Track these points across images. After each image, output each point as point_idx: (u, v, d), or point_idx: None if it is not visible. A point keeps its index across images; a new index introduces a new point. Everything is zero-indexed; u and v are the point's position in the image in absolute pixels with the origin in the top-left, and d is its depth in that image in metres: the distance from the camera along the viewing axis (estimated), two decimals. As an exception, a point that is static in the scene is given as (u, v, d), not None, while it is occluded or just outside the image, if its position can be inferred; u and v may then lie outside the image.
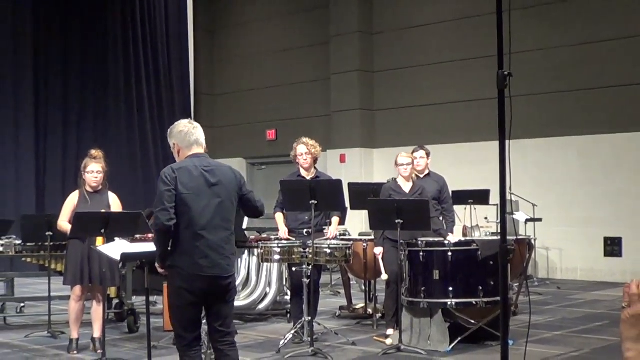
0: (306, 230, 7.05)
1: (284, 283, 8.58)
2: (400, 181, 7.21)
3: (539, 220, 11.35)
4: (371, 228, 7.12)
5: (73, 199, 6.64)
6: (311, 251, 6.59)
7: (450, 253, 6.59)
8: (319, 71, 14.95)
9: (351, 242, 7.32)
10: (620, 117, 11.63)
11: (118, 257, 5.43)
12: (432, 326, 6.59)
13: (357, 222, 11.92)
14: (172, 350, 5.69)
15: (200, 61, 16.82)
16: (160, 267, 4.37)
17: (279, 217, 7.27)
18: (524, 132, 11.26)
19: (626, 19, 11.66)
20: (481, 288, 6.50)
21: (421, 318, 6.66)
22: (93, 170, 6.62)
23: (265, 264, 8.06)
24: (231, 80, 16.68)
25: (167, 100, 15.73)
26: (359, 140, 14.27)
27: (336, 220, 7.25)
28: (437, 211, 7.37)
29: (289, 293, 8.03)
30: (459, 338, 6.56)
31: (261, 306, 8.28)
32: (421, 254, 6.67)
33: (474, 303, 6.54)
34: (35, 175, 13.68)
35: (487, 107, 11.25)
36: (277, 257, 6.93)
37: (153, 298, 8.28)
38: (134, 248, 5.68)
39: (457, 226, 8.47)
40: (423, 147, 7.72)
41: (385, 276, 6.91)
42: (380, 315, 7.80)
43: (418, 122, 13.70)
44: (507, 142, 3.75)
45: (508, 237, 4.05)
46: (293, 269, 7.10)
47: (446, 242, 6.75)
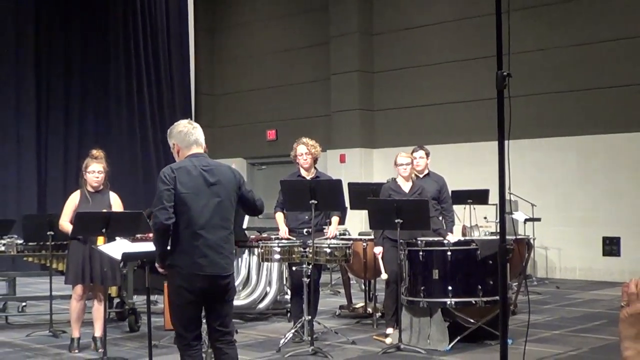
0: (306, 229, 7.05)
1: (284, 282, 8.58)
2: (399, 181, 7.21)
3: (538, 220, 11.37)
4: (371, 228, 7.12)
5: (74, 199, 6.66)
6: (311, 251, 6.60)
7: (449, 252, 6.60)
8: (319, 71, 14.96)
9: (351, 242, 7.32)
10: (619, 118, 11.64)
11: (119, 257, 5.41)
12: (432, 325, 6.59)
13: (357, 222, 11.93)
14: (173, 349, 5.67)
15: (200, 61, 16.83)
16: (160, 267, 4.38)
17: (279, 217, 7.27)
18: (523, 132, 11.27)
19: (625, 20, 11.66)
20: (480, 287, 6.50)
21: (421, 317, 6.66)
22: (94, 170, 6.63)
23: (265, 264, 8.08)
24: (232, 80, 16.69)
25: (168, 100, 15.74)
26: (359, 140, 14.28)
27: (336, 220, 7.26)
28: (437, 211, 7.36)
29: (289, 292, 8.02)
30: (458, 337, 6.57)
31: (261, 305, 8.30)
32: (421, 254, 6.67)
33: (473, 302, 6.54)
34: (36, 175, 13.70)
35: (487, 108, 11.27)
36: (277, 257, 6.93)
37: (154, 297, 8.30)
38: (135, 247, 5.67)
39: (457, 226, 8.48)
40: (422, 147, 7.72)
41: (384, 275, 6.90)
42: (380, 314, 7.80)
43: (418, 123, 13.71)
44: (506, 142, 3.75)
45: (507, 237, 4.06)
46: (293, 269, 7.10)
47: (445, 242, 6.75)
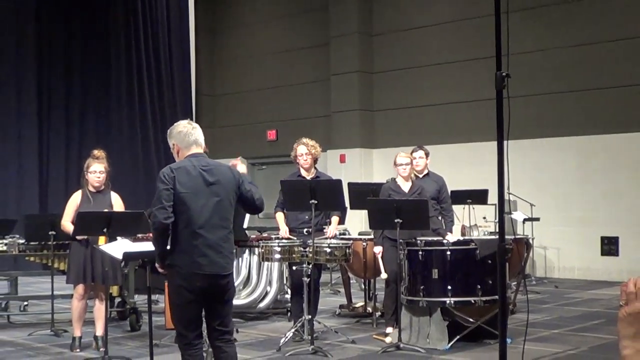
0: (306, 229, 7.07)
1: (285, 282, 8.60)
2: (399, 181, 7.22)
3: (537, 219, 11.39)
4: (371, 227, 7.14)
5: (76, 199, 6.69)
6: (311, 250, 6.62)
7: (449, 252, 6.62)
8: (319, 72, 14.99)
9: (351, 242, 7.35)
10: (617, 118, 11.67)
11: (120, 256, 5.44)
12: (431, 324, 6.62)
13: (357, 222, 11.96)
14: (174, 348, 5.67)
15: (201, 62, 16.86)
16: (159, 267, 4.40)
17: (280, 217, 7.29)
18: (522, 133, 11.31)
19: (624, 21, 11.69)
20: (479, 287, 6.52)
21: (420, 316, 6.69)
22: (96, 170, 6.67)
23: (265, 263, 8.11)
24: (232, 81, 16.72)
25: (169, 100, 15.77)
26: (359, 140, 14.31)
27: (336, 219, 7.28)
28: (436, 211, 7.36)
29: (289, 292, 8.03)
30: (458, 336, 6.59)
31: (262, 305, 8.32)
32: (420, 253, 6.69)
33: (473, 302, 6.56)
34: (38, 175, 13.73)
35: (486, 108, 11.30)
36: (278, 256, 6.97)
37: (155, 297, 8.32)
38: (136, 247, 5.69)
39: (456, 225, 8.49)
40: (422, 147, 7.71)
41: (384, 275, 6.91)
42: (379, 313, 7.82)
43: (417, 123, 13.74)
44: (506, 143, 3.76)
45: (506, 237, 4.08)
46: (293, 268, 7.13)
47: (445, 242, 6.77)
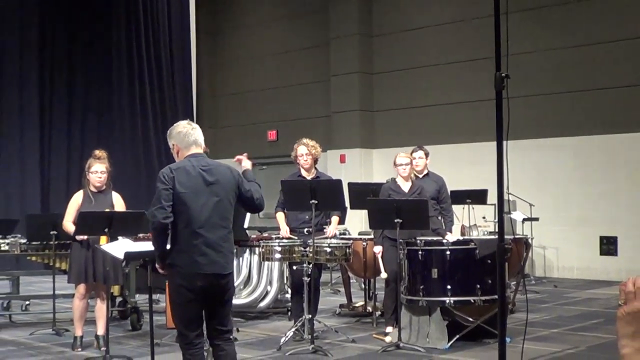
0: (307, 229, 7.10)
1: (285, 281, 8.62)
2: (399, 181, 7.24)
3: (536, 219, 11.42)
4: (371, 227, 7.15)
5: (77, 199, 6.71)
6: (311, 250, 6.64)
7: (448, 252, 6.64)
8: (319, 73, 15.02)
9: (351, 241, 7.37)
10: (616, 118, 11.69)
11: (121, 256, 5.46)
12: (431, 324, 6.64)
13: (357, 222, 11.98)
14: (175, 347, 5.71)
15: (202, 63, 16.89)
16: (160, 268, 4.42)
17: (280, 217, 7.30)
18: (521, 133, 11.33)
19: (623, 21, 11.71)
20: (479, 286, 6.54)
21: (420, 316, 6.71)
22: (97, 170, 6.69)
23: (266, 263, 8.13)
24: (233, 81, 16.76)
25: (170, 101, 15.81)
26: (359, 140, 14.33)
27: (335, 219, 7.30)
28: (436, 210, 7.38)
29: (290, 291, 8.05)
30: (457, 335, 6.62)
31: (262, 304, 8.34)
32: (420, 253, 6.71)
33: (472, 301, 6.58)
34: (39, 175, 13.76)
35: (485, 108, 11.32)
36: (278, 256, 6.99)
37: (156, 296, 8.35)
38: (137, 247, 5.69)
39: (456, 225, 8.52)
40: (422, 148, 7.72)
41: (384, 275, 6.93)
42: (379, 313, 7.85)
43: (417, 123, 13.76)
44: (505, 143, 3.77)
45: (505, 236, 4.11)
46: (294, 268, 7.15)
47: (444, 241, 6.79)
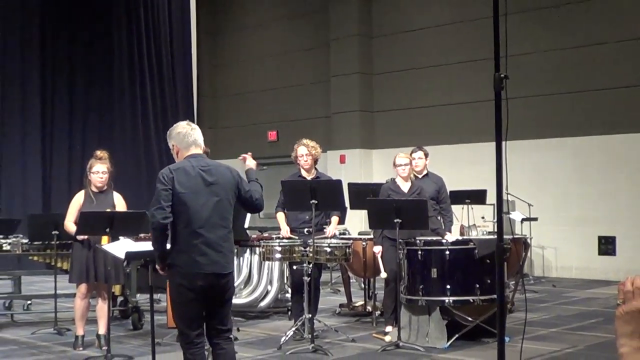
0: (307, 229, 7.12)
1: (285, 281, 8.64)
2: (398, 181, 7.26)
3: (535, 219, 11.45)
4: (370, 227, 7.18)
5: (79, 199, 6.73)
6: (312, 250, 6.66)
7: (447, 252, 6.66)
8: (320, 73, 15.05)
9: (351, 241, 7.39)
10: (615, 119, 11.72)
11: (123, 256, 5.47)
12: (430, 323, 6.66)
13: (357, 222, 12.01)
14: (176, 346, 5.74)
15: (203, 64, 16.93)
16: (160, 269, 4.44)
17: (281, 217, 7.32)
18: (520, 134, 11.38)
19: (622, 22, 11.74)
20: (478, 286, 6.56)
21: (419, 315, 6.73)
22: (98, 170, 6.71)
23: (266, 263, 8.16)
24: (233, 82, 16.79)
25: (171, 102, 15.85)
26: (359, 141, 14.37)
27: (335, 219, 7.33)
28: (435, 211, 7.40)
29: (290, 291, 8.07)
30: (457, 335, 6.64)
31: (263, 304, 8.37)
32: (419, 253, 6.73)
33: (471, 301, 6.61)
34: (41, 175, 13.80)
35: (485, 109, 11.33)
36: (278, 256, 7.01)
37: (157, 296, 8.40)
38: (138, 247, 5.71)
39: (455, 225, 8.55)
40: (421, 148, 7.73)
41: (384, 274, 6.95)
42: (379, 312, 7.87)
43: (416, 124, 13.79)
44: (504, 143, 3.79)
45: (504, 236, 4.14)
46: (294, 267, 7.16)
47: (444, 241, 6.81)
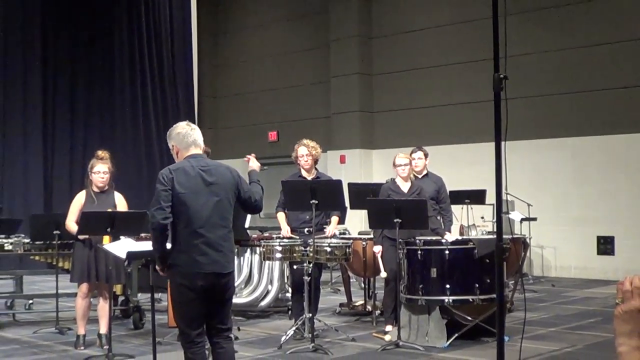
0: (307, 229, 7.14)
1: (285, 281, 8.65)
2: (398, 181, 7.28)
3: (534, 219, 11.46)
4: (370, 227, 7.19)
5: (80, 199, 6.75)
6: (312, 249, 6.68)
7: (447, 251, 6.68)
8: (320, 74, 15.08)
9: (351, 241, 7.41)
10: (614, 119, 11.75)
11: (124, 255, 5.47)
12: (430, 323, 6.68)
13: (357, 221, 12.03)
14: (177, 346, 5.77)
15: (203, 64, 16.95)
16: (160, 269, 4.45)
17: (281, 217, 7.34)
18: (520, 134, 11.41)
19: (622, 23, 11.76)
20: (477, 285, 6.58)
21: (419, 315, 6.75)
22: (100, 170, 6.72)
23: (267, 262, 8.18)
24: (234, 82, 16.82)
25: (172, 102, 15.88)
26: (359, 141, 14.39)
27: (335, 219, 7.35)
28: (435, 211, 7.41)
29: (290, 290, 8.09)
30: (456, 334, 6.66)
31: (263, 303, 8.39)
32: (419, 253, 6.75)
33: (471, 300, 6.63)
34: (43, 175, 13.83)
35: (484, 109, 11.33)
36: (279, 256, 7.03)
37: (158, 295, 8.41)
38: (139, 246, 5.69)
39: (454, 225, 8.58)
40: (421, 148, 7.74)
41: (384, 274, 6.97)
42: (379, 312, 7.89)
43: (416, 124, 13.82)
44: (503, 144, 3.80)
45: (504, 236, 4.14)
46: (294, 267, 7.18)
47: (443, 241, 6.82)
